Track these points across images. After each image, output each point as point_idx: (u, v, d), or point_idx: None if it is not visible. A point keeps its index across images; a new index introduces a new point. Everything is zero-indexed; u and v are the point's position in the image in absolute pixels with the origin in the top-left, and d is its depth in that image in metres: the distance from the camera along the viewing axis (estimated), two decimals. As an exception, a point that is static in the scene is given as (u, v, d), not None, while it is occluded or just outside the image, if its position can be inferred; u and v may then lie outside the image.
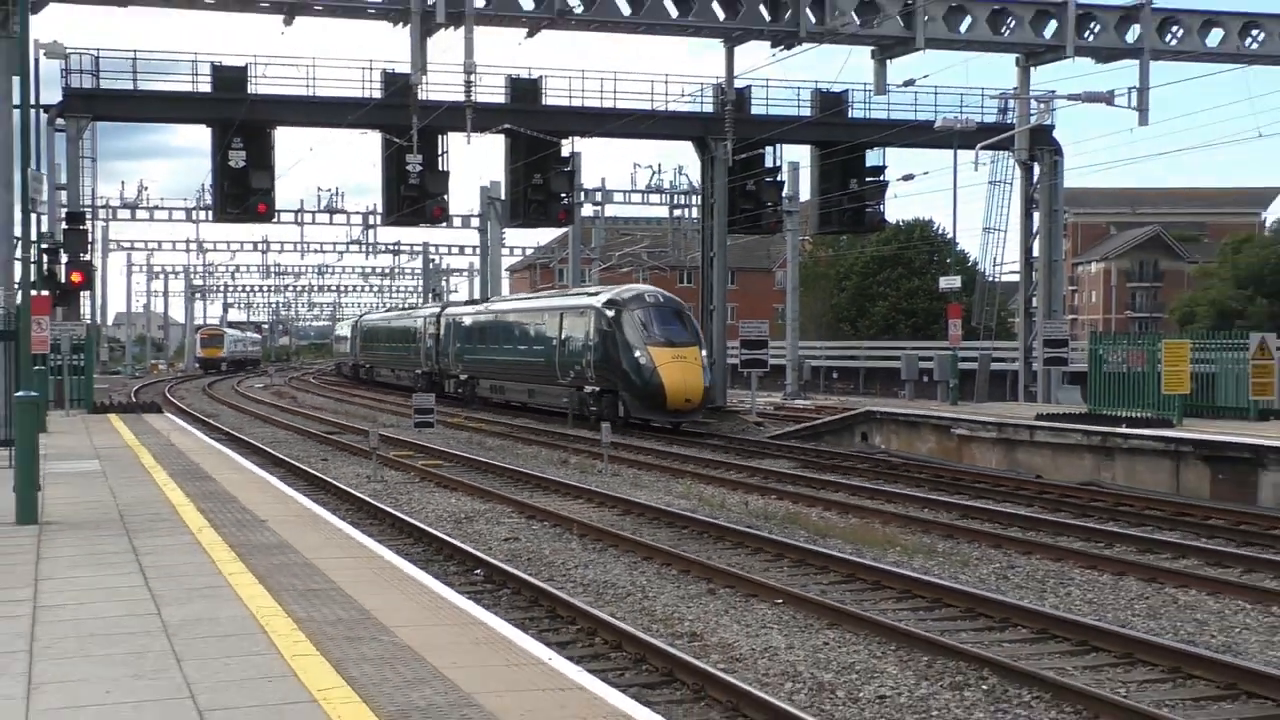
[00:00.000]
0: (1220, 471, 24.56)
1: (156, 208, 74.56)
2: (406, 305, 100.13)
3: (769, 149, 45.40)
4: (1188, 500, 23.83)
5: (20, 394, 16.47)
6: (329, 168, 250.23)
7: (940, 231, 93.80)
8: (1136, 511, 22.30)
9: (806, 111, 44.22)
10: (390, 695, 7.92)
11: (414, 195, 39.62)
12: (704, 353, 40.15)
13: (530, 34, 32.58)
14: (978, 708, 10.56)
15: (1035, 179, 40.70)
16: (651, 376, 37.42)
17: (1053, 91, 40.69)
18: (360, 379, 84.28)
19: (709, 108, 43.97)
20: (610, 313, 39.93)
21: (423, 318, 66.78)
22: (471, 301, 69.78)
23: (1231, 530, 20.29)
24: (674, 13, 32.27)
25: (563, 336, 43.78)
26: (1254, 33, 34.43)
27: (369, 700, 7.79)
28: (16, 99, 26.22)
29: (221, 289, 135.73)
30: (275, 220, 49.22)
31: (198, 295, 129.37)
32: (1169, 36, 34.57)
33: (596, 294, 43.42)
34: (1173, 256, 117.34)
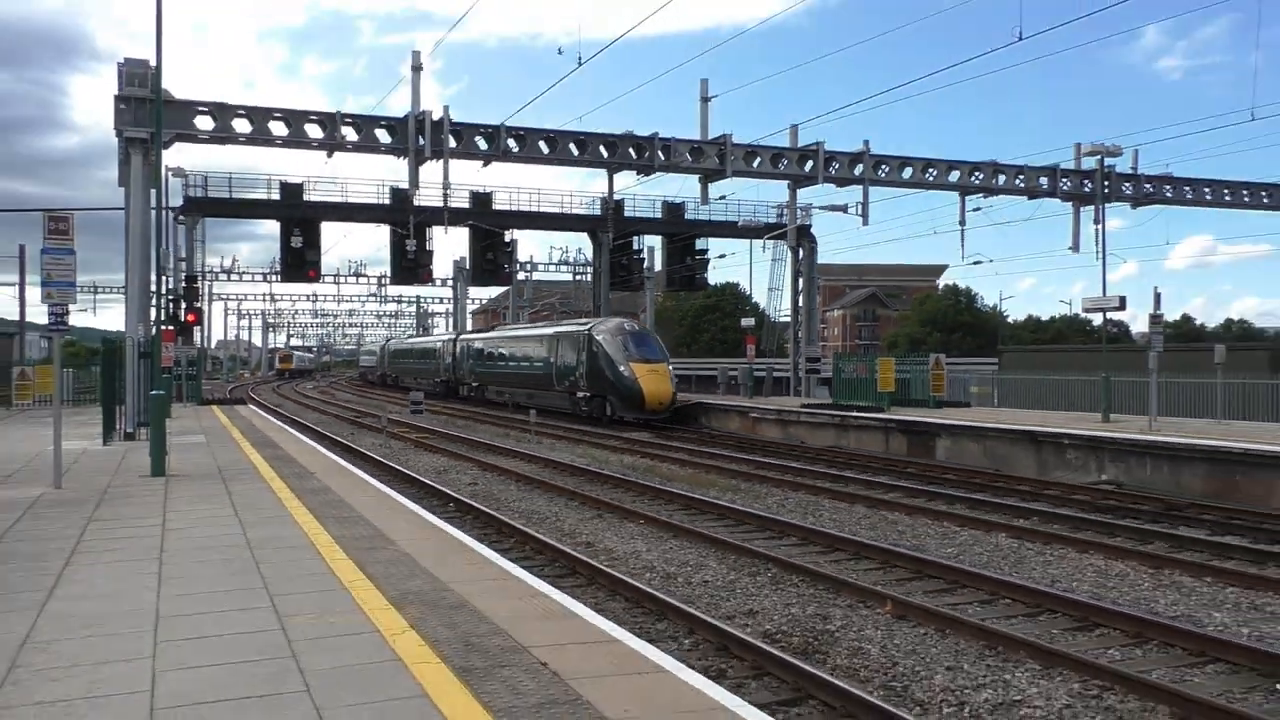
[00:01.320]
0: (912, 439, 24.99)
1: (244, 273, 77.24)
2: (418, 333, 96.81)
3: (635, 238, 45.65)
4: (893, 457, 24.20)
5: (154, 392, 16.78)
6: (356, 246, 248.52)
7: (743, 290, 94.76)
8: (862, 464, 22.60)
9: (659, 214, 45.15)
10: (394, 584, 7.82)
11: (411, 265, 39.24)
12: (670, 367, 35.27)
13: (485, 164, 32.44)
14: (765, 586, 10.63)
15: (800, 258, 41.11)
16: (633, 385, 32.93)
17: (810, 204, 41.60)
18: (387, 385, 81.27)
19: (598, 211, 44.30)
20: (599, 337, 34.78)
21: (442, 341, 59.72)
22: (478, 331, 61.67)
23: (919, 474, 20.63)
24: (575, 152, 32.35)
25: (558, 355, 38.02)
26: (930, 171, 35.13)
27: (380, 587, 7.68)
28: (154, 204, 26.29)
29: (286, 325, 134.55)
30: (321, 281, 48.55)
31: (270, 329, 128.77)
32: (880, 171, 35.12)
33: (586, 324, 37.42)
34: (884, 307, 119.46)
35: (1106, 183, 34.86)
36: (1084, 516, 15.03)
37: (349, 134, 29.45)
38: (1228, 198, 37.73)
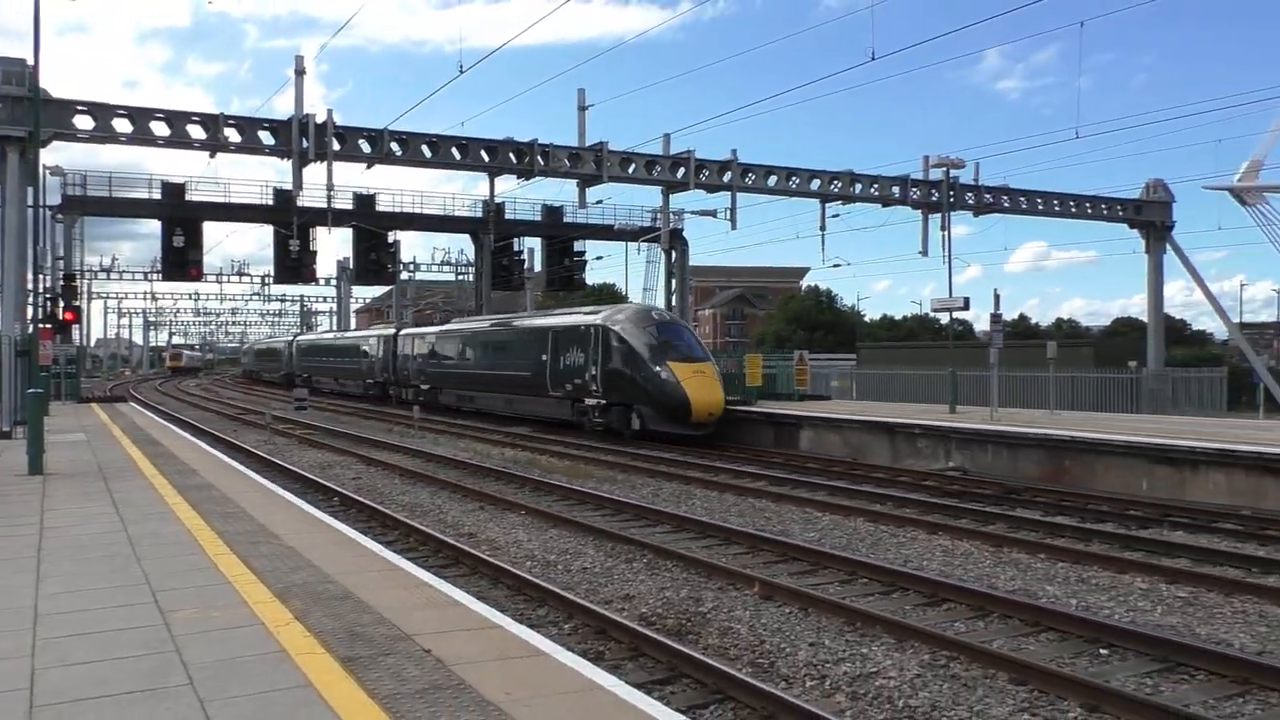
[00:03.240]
0: (778, 430, 25.43)
1: (125, 271, 71.91)
2: (302, 330, 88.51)
3: (516, 239, 45.41)
4: (760, 448, 24.60)
5: (31, 390, 16.16)
6: (240, 245, 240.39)
7: (619, 290, 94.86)
8: (732, 454, 22.92)
9: (539, 217, 45.20)
10: (279, 577, 7.61)
11: (294, 265, 38.18)
12: (717, 368, 26.94)
13: (369, 167, 31.66)
14: (641, 572, 10.68)
15: (673, 259, 41.42)
16: (675, 391, 24.46)
17: (682, 209, 42.12)
18: (295, 387, 75.40)
19: (480, 213, 43.98)
20: (619, 329, 26.23)
21: (377, 336, 47.71)
22: (425, 325, 49.31)
23: (784, 464, 21.03)
24: (457, 157, 31.92)
25: (557, 353, 28.69)
26: (794, 179, 35.78)
27: (265, 580, 7.46)
28: (31, 201, 25.15)
29: (167, 323, 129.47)
30: (203, 280, 46.95)
31: (151, 328, 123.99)
32: (747, 179, 35.59)
33: (596, 313, 28.60)
34: (751, 306, 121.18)
35: (951, 193, 36.10)
36: (933, 501, 15.55)
37: (232, 135, 28.45)
38: (1057, 208, 39.45)
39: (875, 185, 36.43)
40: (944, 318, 28.97)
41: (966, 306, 26.44)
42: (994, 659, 7.39)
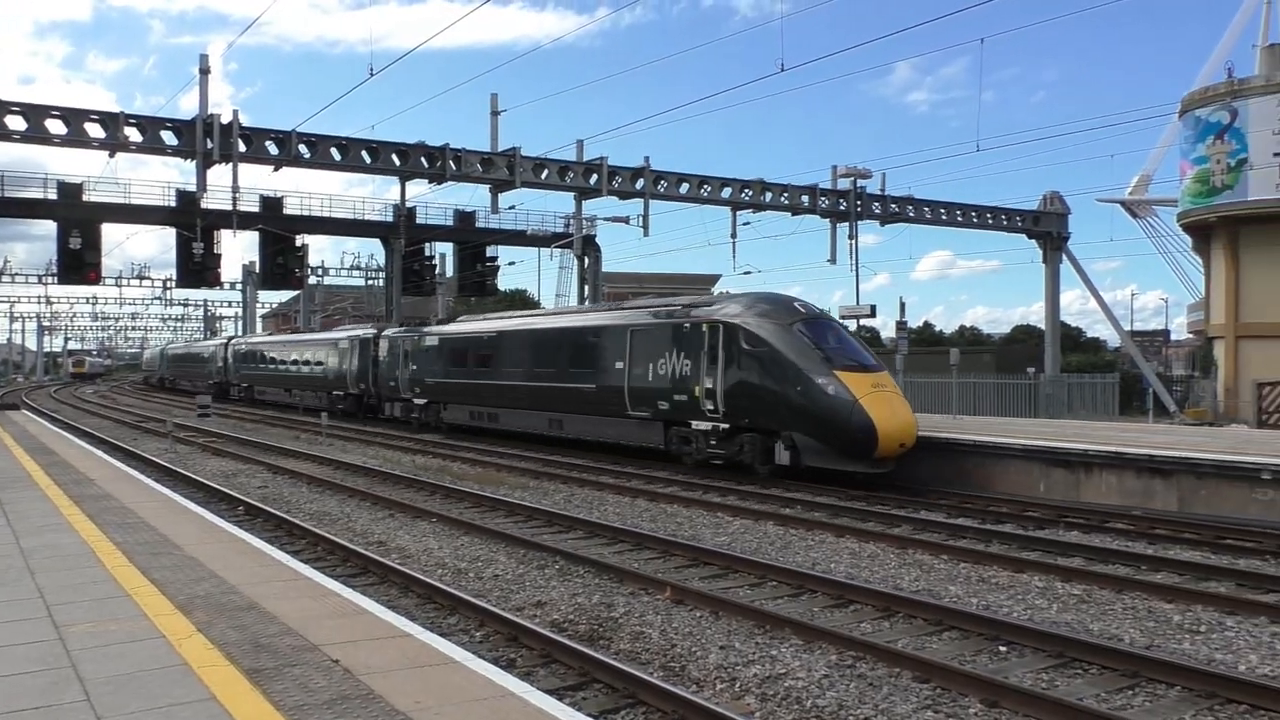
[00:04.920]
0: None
1: (18, 274, 69.24)
2: (206, 336, 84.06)
3: (428, 244, 44.97)
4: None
5: None
6: (141, 247, 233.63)
7: (532, 296, 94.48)
8: (647, 460, 22.88)
9: (451, 222, 44.93)
10: (181, 588, 7.42)
11: (197, 269, 37.05)
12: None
13: (276, 169, 30.99)
14: (554, 578, 10.66)
15: (586, 266, 41.44)
16: (853, 415, 17.15)
17: (595, 215, 42.15)
18: (165, 389, 72.19)
19: (391, 218, 43.48)
20: (755, 328, 18.73)
21: (348, 340, 38.18)
22: (408, 325, 37.69)
23: (696, 468, 21.06)
24: (368, 160, 31.49)
25: (639, 359, 21.19)
26: (705, 187, 36.10)
27: (166, 592, 7.27)
28: None
29: (63, 328, 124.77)
30: (101, 283, 45.42)
31: (46, 332, 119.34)
32: (660, 186, 35.81)
33: (709, 305, 20.71)
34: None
35: (859, 202, 36.84)
36: (841, 504, 15.81)
37: (133, 135, 27.62)
38: (959, 218, 40.56)
39: (785, 194, 36.97)
40: (852, 324, 29.54)
41: (873, 314, 27.05)
42: (899, 658, 7.56)
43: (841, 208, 37.17)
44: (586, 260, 41.48)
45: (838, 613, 9.29)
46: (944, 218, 40.41)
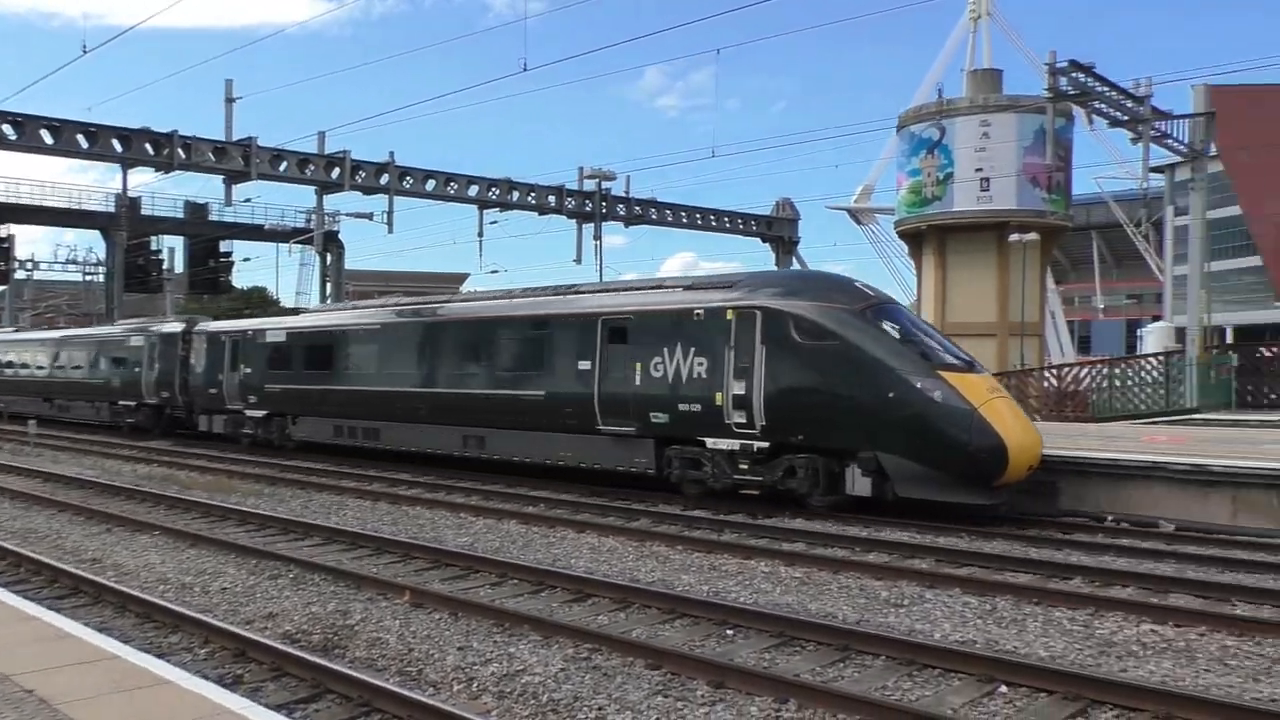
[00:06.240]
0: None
1: None
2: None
3: (155, 237, 42.24)
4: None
5: None
6: None
7: (271, 294, 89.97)
8: (389, 462, 22.39)
9: (181, 214, 42.31)
10: None
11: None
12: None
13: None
14: (287, 588, 10.24)
15: (328, 262, 40.13)
16: (973, 430, 12.96)
17: (338, 211, 40.88)
18: None
19: (113, 208, 40.45)
20: (811, 315, 14.19)
21: (144, 338, 29.95)
22: (226, 317, 32.59)
23: (437, 470, 20.81)
24: (84, 144, 29.10)
25: (617, 357, 16.37)
26: (452, 185, 35.76)
27: None
28: None
29: None
30: None
31: None
32: (405, 182, 35.15)
33: (727, 285, 15.75)
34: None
35: (604, 203, 37.61)
36: (582, 501, 16.09)
37: None
38: (699, 221, 42.24)
39: (532, 194, 37.20)
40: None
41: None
42: (632, 647, 7.79)
43: (587, 209, 37.81)
44: (329, 257, 40.15)
45: (576, 607, 9.46)
46: (685, 220, 41.93)
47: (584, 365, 16.92)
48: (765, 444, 14.67)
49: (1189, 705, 6.34)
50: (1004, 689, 6.91)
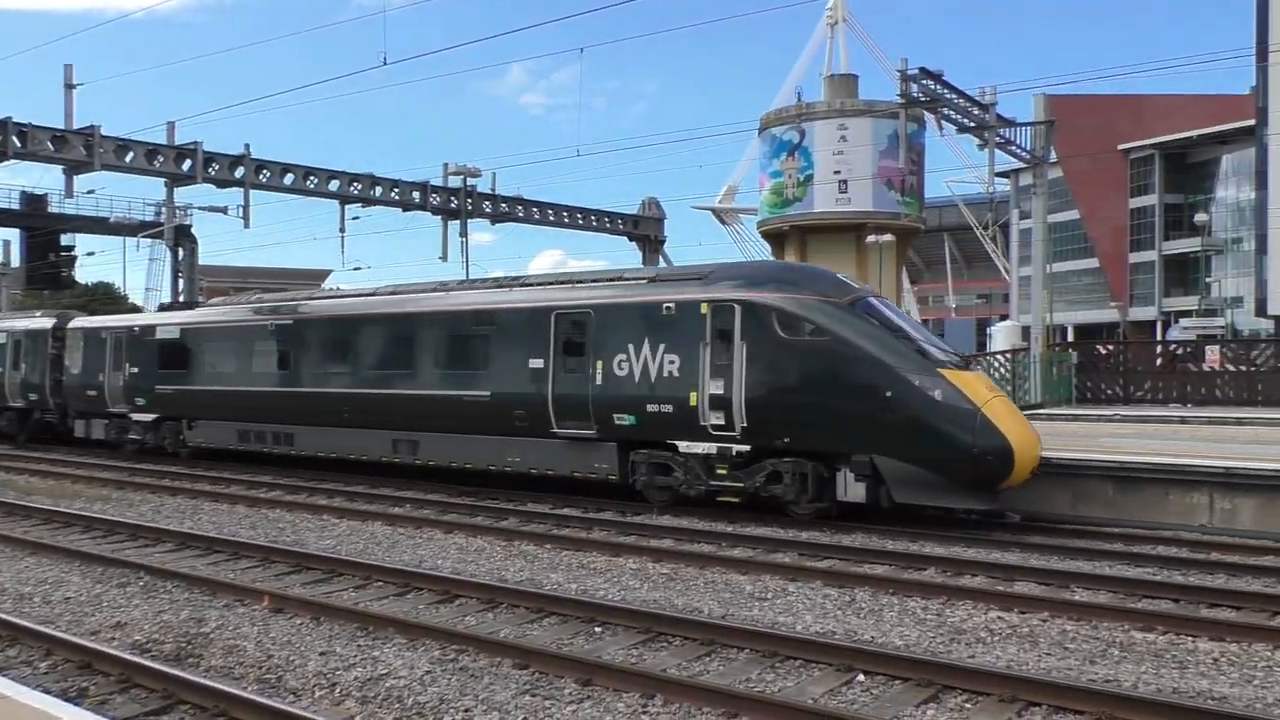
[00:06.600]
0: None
1: None
2: None
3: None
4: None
5: None
6: None
7: (118, 290, 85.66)
8: (244, 464, 21.63)
9: (17, 205, 39.94)
10: None
11: None
12: None
13: None
14: (136, 596, 9.81)
15: (180, 258, 38.51)
16: (977, 431, 12.36)
17: (190, 204, 39.34)
18: None
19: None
20: (806, 310, 13.35)
21: (6, 335, 27.56)
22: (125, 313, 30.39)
23: (298, 471, 20.24)
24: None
25: (572, 353, 15.27)
26: (311, 179, 34.77)
27: None
28: None
29: None
30: None
31: None
32: (262, 176, 33.97)
33: (699, 278, 14.72)
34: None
35: (470, 200, 37.19)
36: (451, 501, 15.90)
37: None
38: (566, 220, 42.15)
39: (396, 189, 36.48)
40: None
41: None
42: (499, 647, 7.75)
43: (453, 205, 37.33)
44: (181, 252, 38.55)
45: (443, 608, 9.35)
46: (552, 218, 41.79)
47: (536, 363, 15.66)
48: (746, 447, 13.75)
49: (1032, 688, 6.69)
50: (862, 677, 7.15)
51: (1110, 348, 31.70)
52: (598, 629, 8.50)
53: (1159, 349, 32.95)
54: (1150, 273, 68.35)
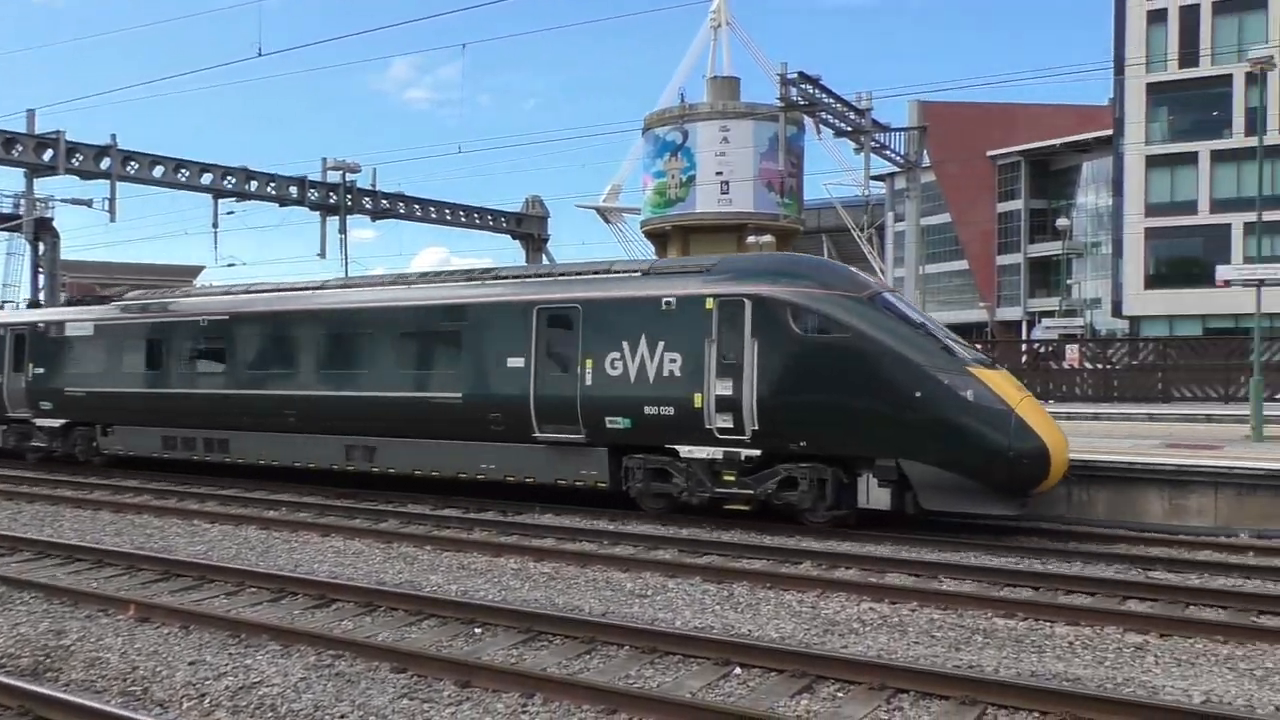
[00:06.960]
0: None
1: None
2: None
3: None
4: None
5: None
6: None
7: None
8: (110, 470, 20.79)
9: None
10: None
11: None
12: None
13: None
14: (-11, 609, 9.37)
15: (41, 252, 36.72)
16: (1012, 433, 11.61)
17: (52, 196, 37.58)
18: None
19: None
20: (823, 306, 12.53)
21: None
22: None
23: (175, 475, 19.55)
24: None
25: (559, 354, 14.21)
26: (183, 172, 33.52)
27: None
28: None
29: None
30: None
31: None
32: (129, 168, 32.63)
33: (702, 271, 13.73)
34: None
35: (349, 196, 36.44)
36: (328, 503, 15.58)
37: None
38: (449, 217, 41.67)
39: (272, 184, 35.52)
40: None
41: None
42: (376, 651, 7.64)
43: (332, 201, 36.52)
44: (42, 246, 36.76)
45: (319, 613, 9.17)
46: (435, 216, 41.28)
47: (515, 362, 14.51)
48: (756, 451, 12.86)
49: (900, 675, 6.93)
50: (738, 670, 7.29)
51: (978, 347, 32.90)
52: (478, 630, 8.45)
53: (1024, 348, 34.39)
54: (1016, 274, 71.20)
